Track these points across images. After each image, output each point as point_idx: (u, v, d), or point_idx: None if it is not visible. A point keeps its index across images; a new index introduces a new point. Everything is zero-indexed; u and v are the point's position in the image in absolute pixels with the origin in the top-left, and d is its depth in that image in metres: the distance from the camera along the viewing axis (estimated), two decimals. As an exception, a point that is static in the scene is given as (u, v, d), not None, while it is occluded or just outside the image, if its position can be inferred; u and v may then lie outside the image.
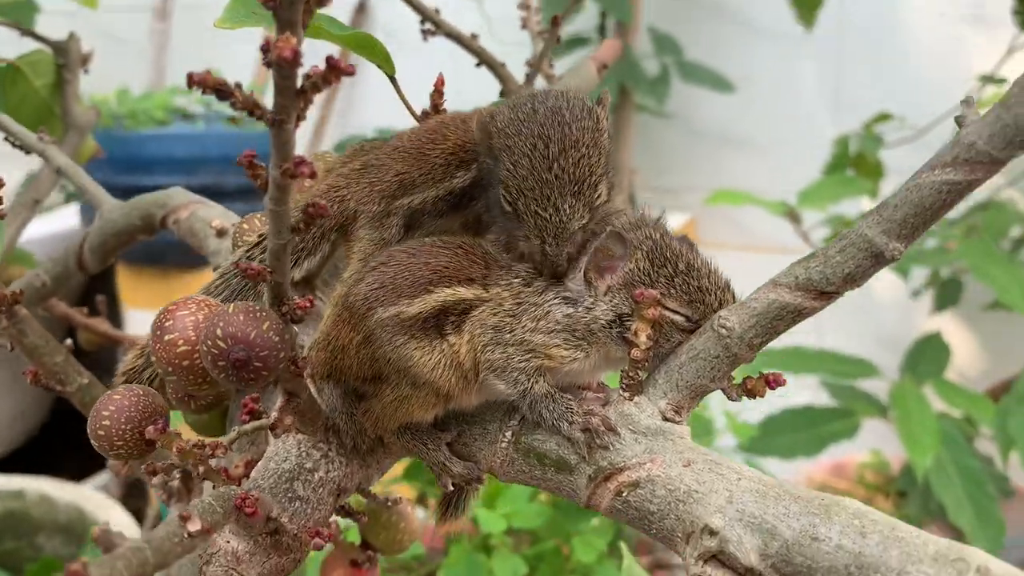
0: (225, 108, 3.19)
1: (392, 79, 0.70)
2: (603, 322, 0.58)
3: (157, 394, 0.59)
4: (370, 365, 0.63)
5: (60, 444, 2.78)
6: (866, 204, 2.53)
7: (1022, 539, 2.18)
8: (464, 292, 0.61)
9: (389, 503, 0.77)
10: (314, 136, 3.41)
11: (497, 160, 0.61)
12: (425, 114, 0.70)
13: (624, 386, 0.56)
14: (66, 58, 1.30)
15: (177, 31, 3.44)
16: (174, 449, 0.56)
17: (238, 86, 0.43)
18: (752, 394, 0.55)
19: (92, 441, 0.58)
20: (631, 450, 0.55)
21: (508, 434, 0.60)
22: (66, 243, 1.01)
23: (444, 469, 0.64)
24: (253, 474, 0.64)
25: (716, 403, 1.98)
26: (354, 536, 0.85)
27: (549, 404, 0.58)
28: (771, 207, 2.17)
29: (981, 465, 2.18)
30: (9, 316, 0.74)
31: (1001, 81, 2.31)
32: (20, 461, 2.83)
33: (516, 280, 0.60)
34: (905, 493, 2.56)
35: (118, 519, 2.09)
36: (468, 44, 1.02)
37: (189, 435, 0.63)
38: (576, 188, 0.57)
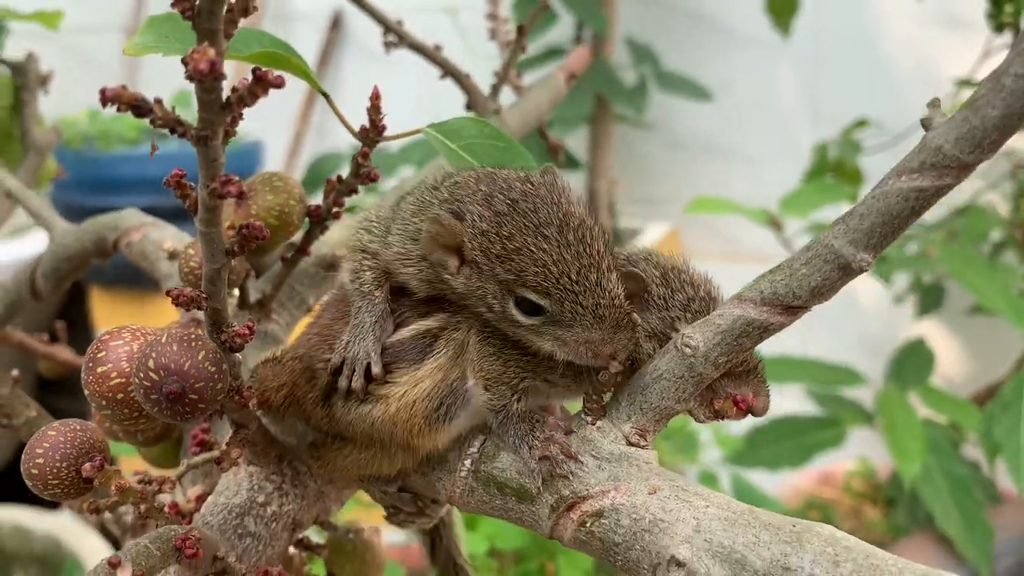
0: (183, 113, 3.16)
1: (325, 95, 0.65)
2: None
3: (96, 428, 0.55)
4: (329, 424, 0.59)
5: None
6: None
7: (1012, 545, 2.18)
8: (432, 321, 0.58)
9: (351, 534, 0.73)
10: (290, 152, 3.39)
11: (481, 270, 0.54)
12: (364, 130, 0.65)
13: (587, 410, 0.54)
14: (24, 79, 1.27)
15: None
16: (112, 487, 0.53)
17: (158, 101, 0.40)
18: (720, 415, 0.53)
19: (26, 480, 0.54)
20: (594, 477, 0.52)
21: (467, 463, 0.57)
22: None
23: (403, 519, 0.62)
24: (202, 510, 0.61)
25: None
26: (320, 569, 0.82)
27: (519, 425, 0.55)
28: (752, 215, 2.15)
29: (968, 472, 2.17)
30: (-50, 348, 0.71)
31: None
32: (-7, 488, 2.78)
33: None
34: (894, 501, 2.55)
35: (94, 547, 2.04)
36: (432, 55, 1.00)
37: (144, 468, 0.60)
38: (608, 263, 0.52)
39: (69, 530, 2.14)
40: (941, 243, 2.31)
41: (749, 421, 2.27)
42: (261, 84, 0.40)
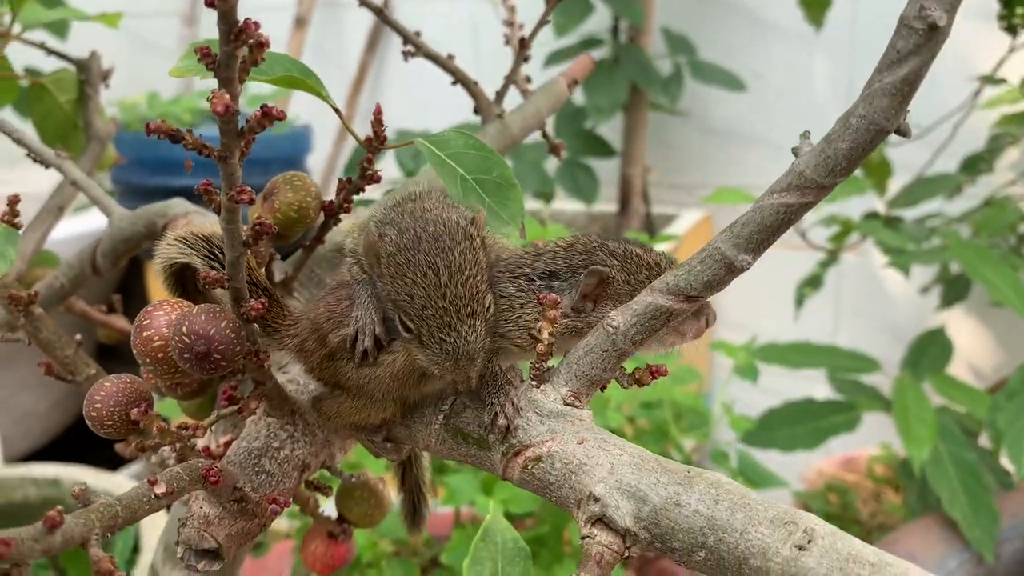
0: (250, 111, 3.31)
1: (337, 111, 0.78)
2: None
3: (143, 381, 0.69)
4: (332, 375, 0.72)
5: (95, 434, 2.93)
6: (877, 202, 2.56)
7: (1019, 530, 2.20)
8: None
9: (354, 479, 0.87)
10: (339, 135, 3.52)
11: (386, 280, 0.66)
12: (369, 140, 0.77)
13: (532, 376, 0.66)
14: (88, 75, 1.41)
15: (205, 36, 3.57)
16: (155, 429, 0.66)
17: (189, 131, 0.53)
18: (640, 383, 0.65)
19: (87, 420, 0.68)
20: (536, 430, 0.64)
21: (440, 418, 0.70)
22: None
23: (383, 455, 0.77)
24: (228, 452, 0.74)
25: (718, 395, 2.01)
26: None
27: (488, 384, 0.67)
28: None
29: (978, 458, 2.20)
30: (26, 315, 0.85)
31: (1001, 81, 2.34)
32: (57, 450, 2.98)
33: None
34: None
35: (146, 504, 2.19)
36: (445, 64, 1.11)
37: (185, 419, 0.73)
38: (470, 309, 0.64)
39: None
40: (967, 236, 2.35)
41: (765, 404, 2.31)
42: (267, 117, 0.53)
